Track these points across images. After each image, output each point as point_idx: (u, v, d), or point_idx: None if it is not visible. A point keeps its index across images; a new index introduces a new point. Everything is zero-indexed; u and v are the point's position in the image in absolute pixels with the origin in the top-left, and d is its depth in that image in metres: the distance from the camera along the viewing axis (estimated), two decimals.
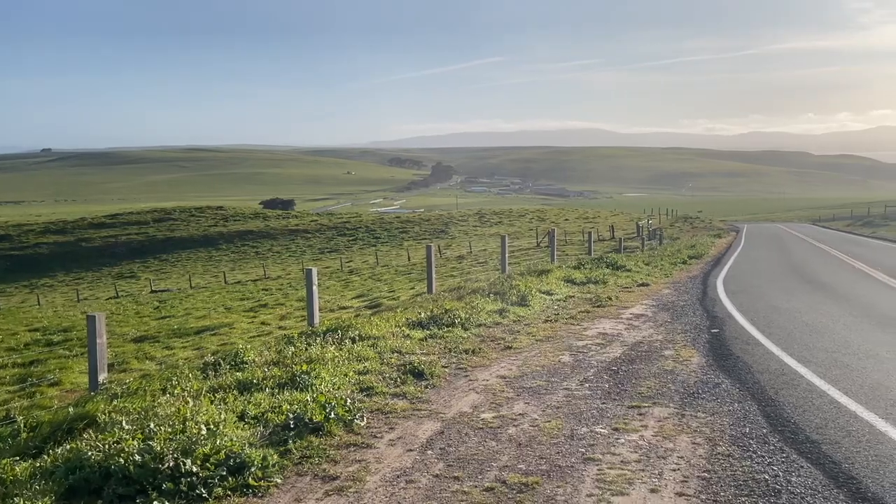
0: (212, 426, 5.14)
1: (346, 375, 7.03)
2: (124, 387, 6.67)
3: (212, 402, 5.85)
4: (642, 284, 16.16)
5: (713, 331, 10.17)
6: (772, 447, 5.22)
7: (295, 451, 5.09)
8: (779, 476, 4.65)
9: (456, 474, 4.76)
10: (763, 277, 18.51)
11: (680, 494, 4.39)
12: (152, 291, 41.23)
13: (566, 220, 70.25)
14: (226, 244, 67.12)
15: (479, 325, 10.20)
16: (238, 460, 4.67)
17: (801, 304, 12.89)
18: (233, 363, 7.50)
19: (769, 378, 7.27)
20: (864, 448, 5.13)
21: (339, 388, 6.58)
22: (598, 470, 4.81)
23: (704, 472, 4.76)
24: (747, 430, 5.64)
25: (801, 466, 4.82)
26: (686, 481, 4.60)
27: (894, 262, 22.63)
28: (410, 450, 5.25)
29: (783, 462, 4.91)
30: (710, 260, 24.75)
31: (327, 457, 5.07)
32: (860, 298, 13.84)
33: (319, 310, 10.86)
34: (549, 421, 5.90)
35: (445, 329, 9.71)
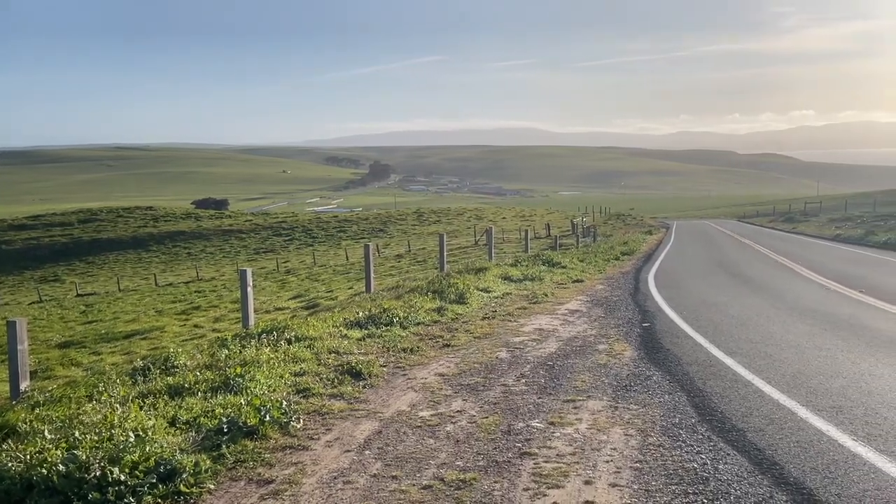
0: (140, 433, 4.97)
1: (281, 377, 6.92)
2: (47, 395, 6.39)
3: (141, 409, 5.66)
4: (577, 281, 16.47)
5: (645, 325, 10.45)
6: (700, 436, 5.40)
7: (229, 456, 4.98)
8: (707, 464, 4.82)
9: (394, 473, 4.75)
10: (692, 272, 19.13)
11: (613, 485, 4.49)
12: (78, 295, 39.68)
13: (503, 218, 70.99)
14: (156, 245, 65.16)
15: (418, 324, 10.20)
16: (169, 467, 4.54)
17: (728, 298, 13.38)
18: (163, 367, 7.29)
19: (698, 369, 7.52)
20: (787, 435, 5.36)
21: (274, 390, 6.47)
22: (535, 464, 4.87)
23: (637, 462, 4.88)
24: (677, 420, 5.82)
25: (728, 454, 5.00)
26: (619, 472, 4.71)
27: (813, 256, 23.75)
28: (348, 450, 5.21)
29: (711, 450, 5.08)
30: (641, 256, 25.42)
31: (262, 460, 4.98)
32: (782, 291, 14.46)
33: (255, 311, 10.66)
34: (487, 417, 5.95)
35: (384, 328, 9.67)
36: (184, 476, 4.51)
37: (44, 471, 4.31)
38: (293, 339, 8.51)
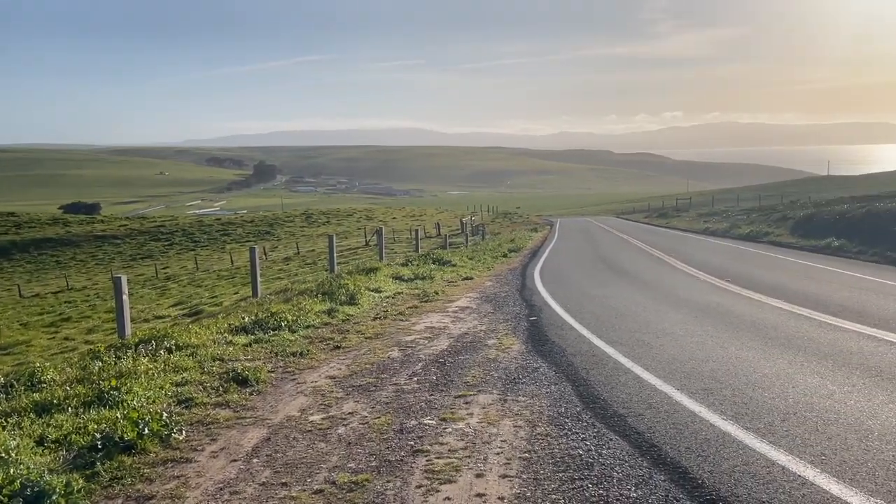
0: (3, 454, 4.59)
1: (162, 388, 6.58)
2: None
3: (3, 429, 5.23)
4: (467, 278, 16.72)
5: (531, 319, 10.75)
6: (585, 424, 5.61)
7: (104, 474, 4.68)
8: (591, 450, 5.01)
9: (284, 480, 4.63)
10: (575, 267, 19.88)
11: (503, 476, 4.58)
12: None
13: (394, 218, 70.99)
14: (20, 254, 60.35)
15: (308, 327, 10.01)
16: (37, 489, 4.21)
17: (608, 291, 14.00)
18: (28, 384, 6.76)
19: (581, 360, 7.82)
20: (664, 418, 5.66)
21: (154, 402, 6.14)
22: (427, 461, 4.89)
23: (525, 452, 5.00)
24: (563, 409, 6.02)
25: (611, 439, 5.23)
26: (509, 463, 4.81)
27: (685, 249, 25.27)
28: (234, 460, 5.03)
29: (595, 437, 5.29)
30: (528, 252, 26.14)
31: (141, 476, 4.72)
32: (657, 283, 15.29)
33: (132, 321, 10.10)
34: (379, 417, 5.92)
35: (271, 333, 9.41)
36: (53, 498, 4.20)
37: None
38: (174, 347, 8.13)
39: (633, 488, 4.34)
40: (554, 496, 4.26)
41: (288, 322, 9.89)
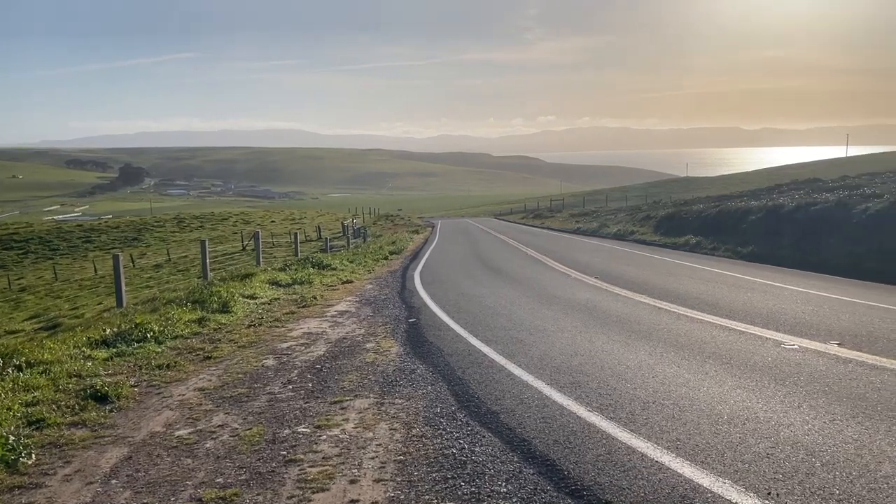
0: None
1: (9, 410, 6.05)
2: None
3: None
4: (347, 282, 16.56)
5: (410, 320, 10.80)
6: (459, 422, 5.69)
7: None
8: (465, 448, 5.09)
9: (145, 501, 4.38)
10: (454, 268, 20.17)
11: (378, 480, 4.56)
12: None
13: (273, 222, 69.10)
14: None
15: (176, 338, 9.54)
16: None
17: (485, 290, 14.30)
18: None
19: (457, 359, 7.94)
20: (534, 412, 5.84)
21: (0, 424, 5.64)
22: (300, 470, 4.79)
23: (400, 455, 5.01)
24: (439, 409, 6.08)
25: (484, 437, 5.33)
26: (384, 467, 4.80)
27: (558, 248, 26.28)
28: (90, 482, 4.70)
29: (468, 435, 5.38)
30: (408, 254, 26.26)
31: None
32: (532, 281, 15.80)
33: None
34: (251, 428, 5.74)
35: (136, 345, 8.90)
36: None
37: None
38: (24, 365, 7.51)
39: (504, 483, 4.44)
40: (427, 497, 4.29)
41: (154, 333, 9.39)
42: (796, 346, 8.04)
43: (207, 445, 5.37)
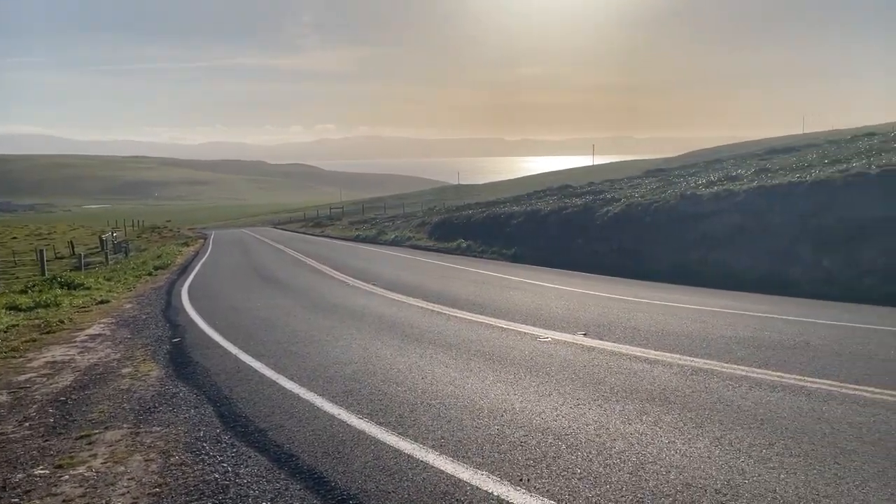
0: None
1: None
2: None
3: None
4: (102, 302, 15.09)
5: (175, 340, 10.09)
6: (223, 445, 5.40)
7: None
8: (228, 471, 4.83)
9: None
10: (227, 280, 19.26)
11: None
12: None
13: (14, 238, 60.95)
14: None
15: None
16: None
17: (259, 302, 13.83)
18: None
19: (225, 378, 7.55)
20: (304, 426, 5.72)
21: None
22: None
23: (156, 487, 4.63)
24: (202, 433, 5.72)
25: (250, 457, 5.11)
26: (136, 502, 4.40)
27: (337, 257, 26.24)
28: None
29: (233, 457, 5.12)
30: (176, 269, 24.61)
31: None
32: (309, 291, 15.58)
33: None
34: None
35: None
36: None
37: None
38: None
39: (269, 503, 4.29)
40: None
41: None
42: (550, 339, 8.78)
43: None
